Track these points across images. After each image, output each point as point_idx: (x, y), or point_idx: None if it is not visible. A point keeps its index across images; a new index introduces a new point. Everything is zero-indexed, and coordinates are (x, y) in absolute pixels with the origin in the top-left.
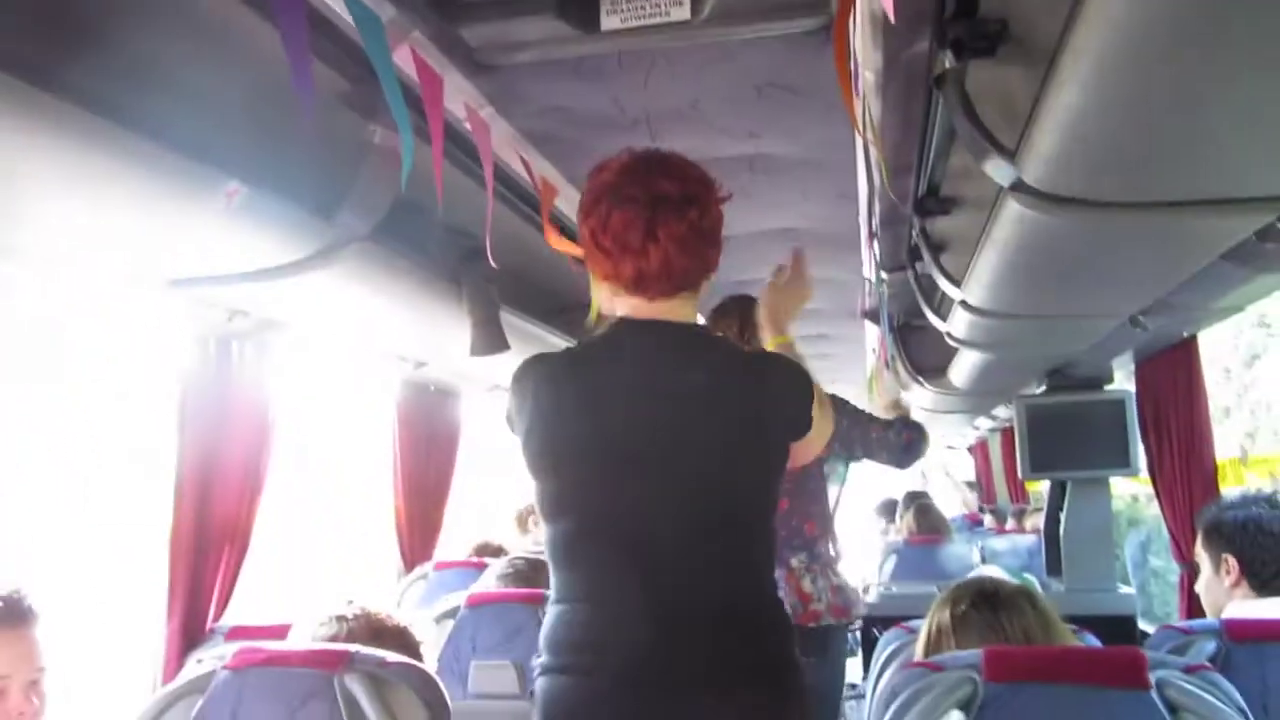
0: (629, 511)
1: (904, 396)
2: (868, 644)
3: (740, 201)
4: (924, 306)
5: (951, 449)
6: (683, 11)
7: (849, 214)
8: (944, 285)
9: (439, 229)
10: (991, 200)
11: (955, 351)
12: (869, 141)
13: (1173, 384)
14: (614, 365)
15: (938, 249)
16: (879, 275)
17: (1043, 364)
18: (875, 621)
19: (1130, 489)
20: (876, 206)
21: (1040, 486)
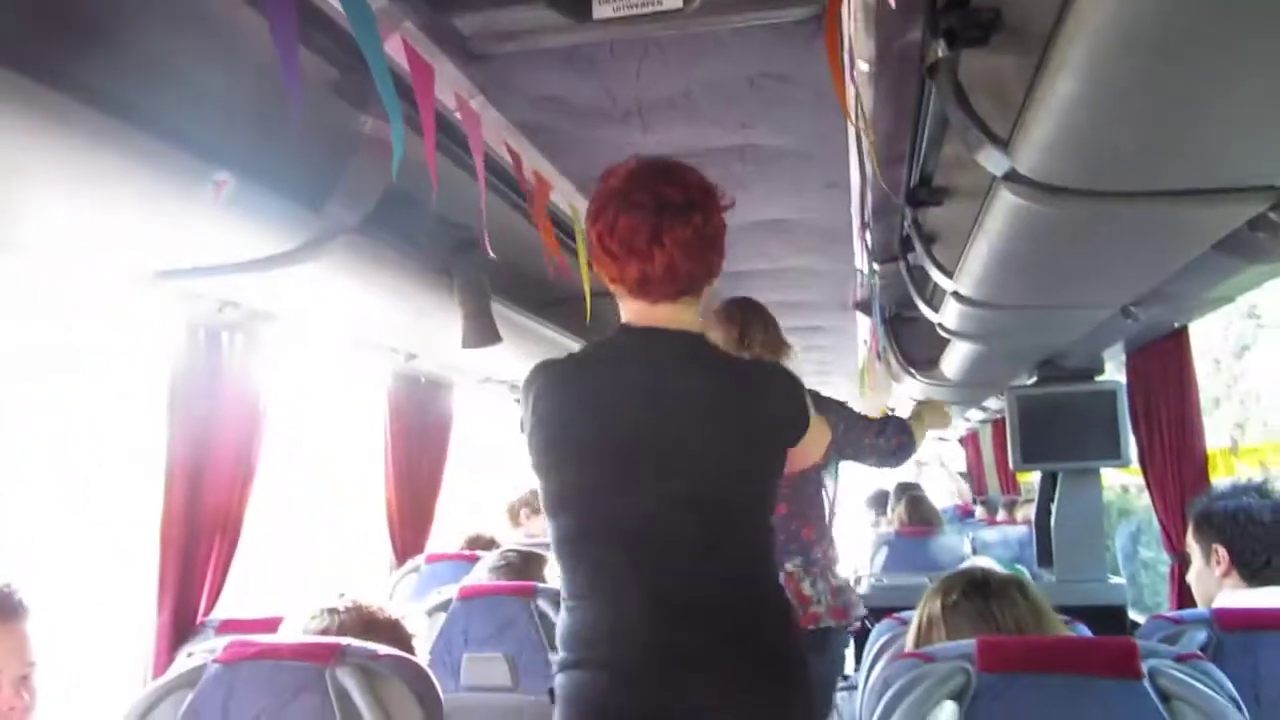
0: (629, 512)
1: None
2: (859, 635)
3: (731, 192)
4: (915, 297)
5: (943, 440)
6: (675, 0)
7: (841, 205)
8: (936, 276)
9: (430, 220)
10: (984, 190)
11: (947, 343)
12: (861, 131)
13: (1164, 375)
14: (615, 370)
15: (930, 240)
16: (871, 266)
17: (1034, 355)
18: (867, 613)
19: (1120, 480)
20: (868, 197)
21: (1031, 477)
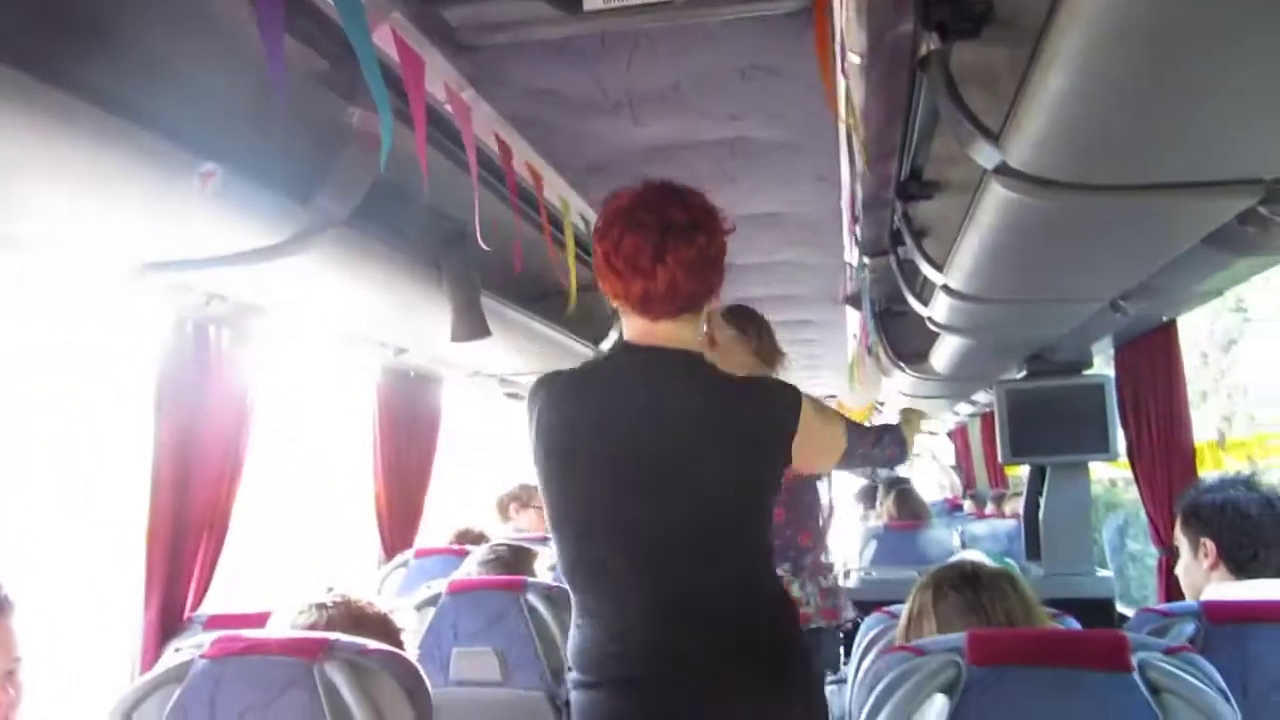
0: (629, 526)
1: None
2: (849, 633)
3: (721, 185)
4: (905, 291)
5: (933, 434)
6: None
7: (831, 198)
8: (926, 270)
9: (419, 213)
10: (975, 184)
11: (936, 337)
12: (849, 125)
13: (1152, 368)
14: (616, 389)
15: (920, 233)
16: (861, 260)
17: (1023, 349)
18: (857, 614)
19: (1108, 473)
20: (859, 191)
21: (1020, 471)
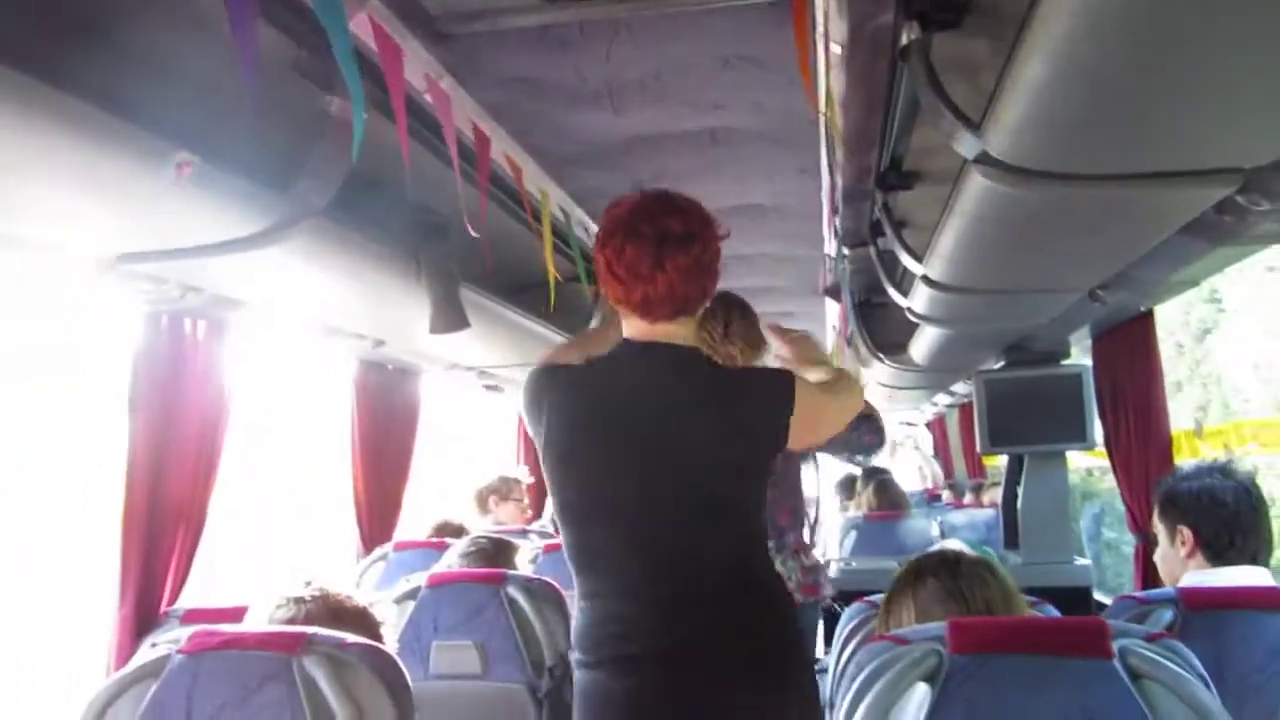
0: (632, 512)
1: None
2: (829, 619)
3: (702, 176)
4: (885, 282)
5: (911, 425)
6: None
7: (812, 189)
8: (906, 260)
9: (397, 204)
10: (955, 174)
11: (916, 328)
12: (825, 115)
13: (1129, 358)
14: (618, 382)
15: (900, 224)
16: (840, 251)
17: (1002, 339)
18: (836, 597)
19: (1084, 463)
20: (839, 181)
21: (998, 461)
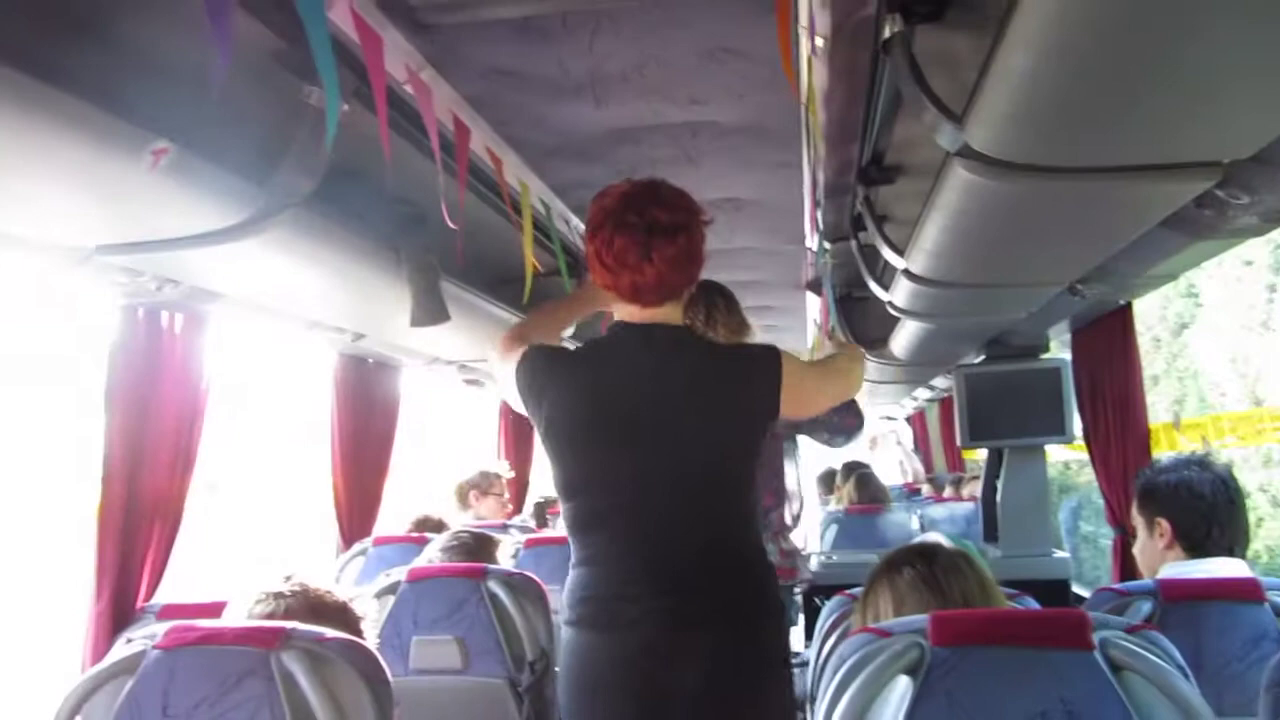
0: (629, 483)
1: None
2: (810, 612)
3: (684, 169)
4: (866, 276)
5: (891, 419)
6: None
7: (794, 183)
8: (887, 254)
9: (378, 196)
10: (936, 168)
11: (897, 322)
12: (806, 108)
13: (1108, 351)
14: (615, 360)
15: (881, 218)
16: (822, 245)
17: (982, 333)
18: (817, 590)
19: (1062, 456)
20: (820, 175)
21: (978, 455)
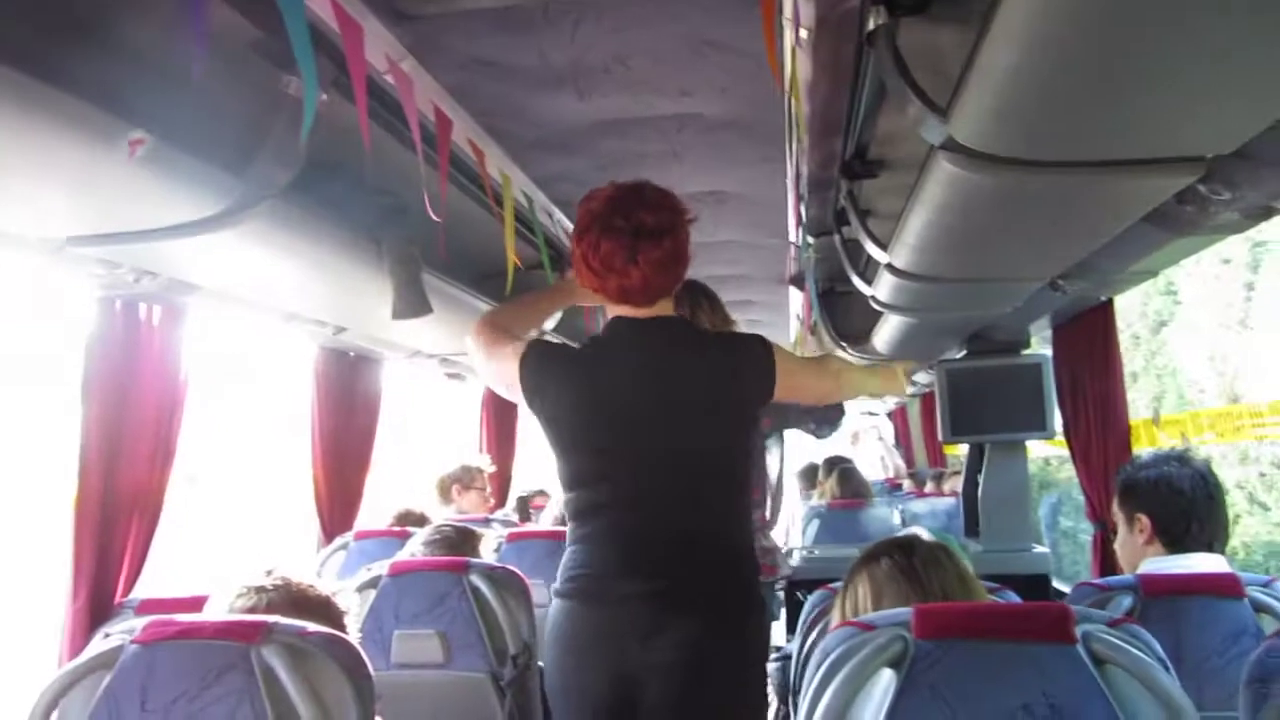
0: (629, 478)
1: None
2: (792, 606)
3: (668, 163)
4: (850, 271)
5: (873, 415)
6: None
7: (777, 177)
8: (870, 248)
9: (358, 187)
10: (920, 161)
11: (879, 316)
12: (790, 101)
13: (1089, 347)
14: (614, 358)
15: (865, 212)
16: (805, 239)
17: (964, 328)
18: (799, 584)
19: (1043, 452)
20: (804, 169)
21: (959, 450)
